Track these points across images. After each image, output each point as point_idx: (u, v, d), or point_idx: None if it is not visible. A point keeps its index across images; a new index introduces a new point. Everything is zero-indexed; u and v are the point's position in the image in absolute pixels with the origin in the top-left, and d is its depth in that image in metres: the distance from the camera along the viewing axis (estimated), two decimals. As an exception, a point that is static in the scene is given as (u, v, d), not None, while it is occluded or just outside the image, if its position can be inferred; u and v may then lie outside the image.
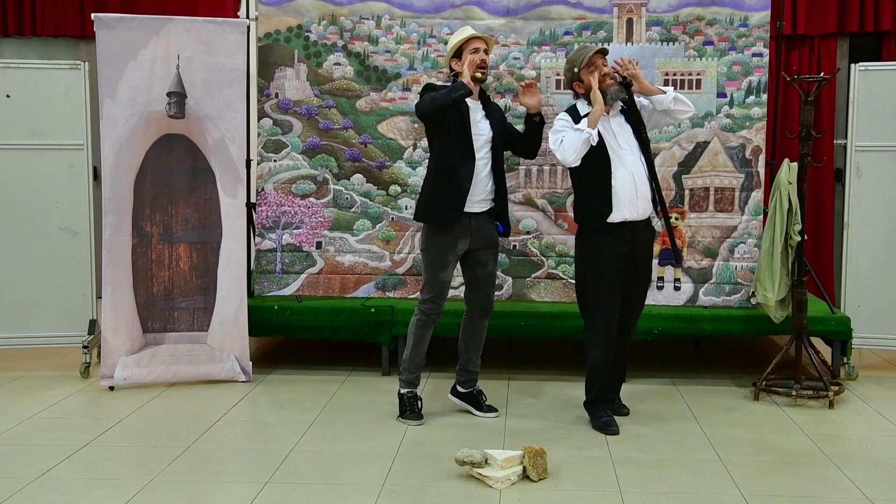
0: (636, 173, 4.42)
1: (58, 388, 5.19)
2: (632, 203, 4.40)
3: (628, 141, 4.47)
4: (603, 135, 4.42)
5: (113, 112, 5.21)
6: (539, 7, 5.67)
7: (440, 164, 4.55)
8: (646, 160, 4.48)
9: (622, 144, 4.45)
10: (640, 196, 4.42)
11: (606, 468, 3.93)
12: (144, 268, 5.32)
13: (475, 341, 4.74)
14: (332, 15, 5.75)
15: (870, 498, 3.62)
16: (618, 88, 4.45)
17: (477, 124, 4.54)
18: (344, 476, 3.83)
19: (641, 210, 4.44)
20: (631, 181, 4.40)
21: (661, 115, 4.60)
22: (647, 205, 4.46)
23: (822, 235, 7.22)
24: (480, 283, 4.69)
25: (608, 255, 4.43)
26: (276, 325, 5.58)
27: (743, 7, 5.57)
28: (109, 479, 3.77)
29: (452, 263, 4.60)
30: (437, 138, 4.57)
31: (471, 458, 3.74)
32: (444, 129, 4.50)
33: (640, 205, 4.42)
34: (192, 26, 5.32)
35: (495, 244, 4.69)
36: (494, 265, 4.73)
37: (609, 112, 4.48)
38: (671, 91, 4.55)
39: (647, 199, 4.45)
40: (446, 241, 4.54)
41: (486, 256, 4.65)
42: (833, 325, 5.39)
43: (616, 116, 4.52)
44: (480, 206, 4.56)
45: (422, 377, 4.80)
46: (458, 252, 4.58)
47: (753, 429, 4.52)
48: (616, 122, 4.50)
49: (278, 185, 5.76)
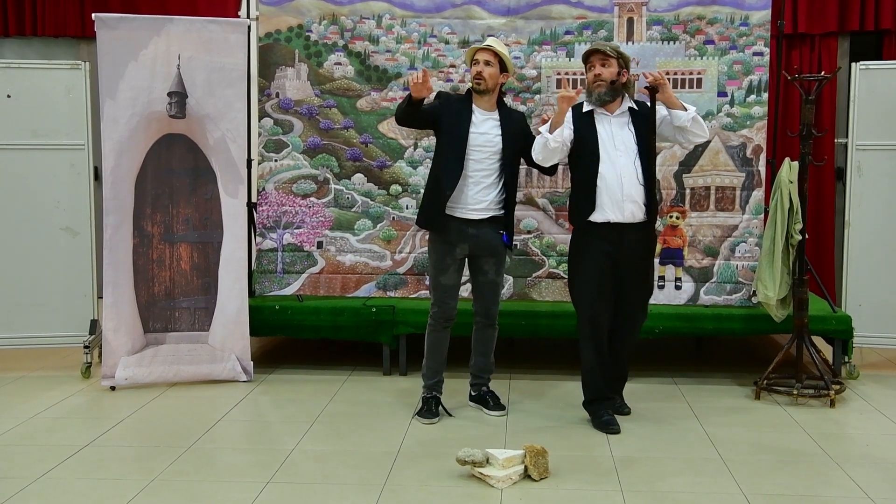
0: (625, 175, 4.37)
1: (59, 388, 5.19)
2: (616, 205, 4.37)
3: (626, 143, 4.42)
4: (599, 134, 4.42)
5: (114, 112, 5.21)
6: (540, 6, 5.66)
7: (432, 169, 4.71)
8: (642, 165, 4.41)
9: (617, 145, 4.41)
10: (627, 199, 4.36)
11: (608, 467, 3.93)
12: (145, 268, 5.32)
13: (480, 347, 4.79)
14: (333, 14, 5.75)
15: (871, 497, 3.62)
16: (605, 91, 4.42)
17: (480, 134, 4.54)
18: (345, 476, 3.83)
19: (628, 213, 4.37)
20: (618, 183, 4.36)
21: (675, 131, 4.52)
22: (635, 208, 4.38)
23: (823, 234, 7.21)
24: (481, 291, 4.70)
25: (591, 254, 4.43)
26: (278, 324, 5.59)
27: (743, 6, 5.56)
28: (111, 479, 3.78)
29: (453, 268, 4.61)
30: (437, 143, 4.69)
31: (472, 458, 3.74)
32: (441, 135, 4.63)
33: (625, 207, 4.36)
34: (192, 26, 5.32)
35: (497, 253, 4.65)
36: (496, 274, 4.69)
37: (613, 111, 4.46)
38: (693, 110, 4.45)
39: (635, 202, 4.37)
40: (443, 245, 4.60)
41: (486, 265, 4.65)
42: (834, 324, 5.39)
43: (620, 116, 4.48)
44: (479, 213, 4.56)
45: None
46: (458, 256, 4.60)
47: (754, 428, 4.52)
48: (617, 123, 4.47)
49: (279, 184, 5.76)
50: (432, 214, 4.60)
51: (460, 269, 4.67)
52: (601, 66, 4.45)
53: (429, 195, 4.67)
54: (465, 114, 4.56)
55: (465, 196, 4.54)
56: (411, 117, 4.60)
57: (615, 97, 4.46)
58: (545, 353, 6.28)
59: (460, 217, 4.56)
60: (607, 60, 4.44)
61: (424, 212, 4.70)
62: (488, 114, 4.59)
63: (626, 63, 4.51)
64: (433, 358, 4.70)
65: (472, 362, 4.83)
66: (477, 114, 4.58)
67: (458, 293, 4.69)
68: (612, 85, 4.43)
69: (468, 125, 4.54)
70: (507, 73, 4.65)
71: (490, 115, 4.59)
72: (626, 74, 4.50)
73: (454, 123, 4.55)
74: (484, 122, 4.57)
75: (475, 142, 4.54)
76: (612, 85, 4.43)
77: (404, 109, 4.55)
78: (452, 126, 4.56)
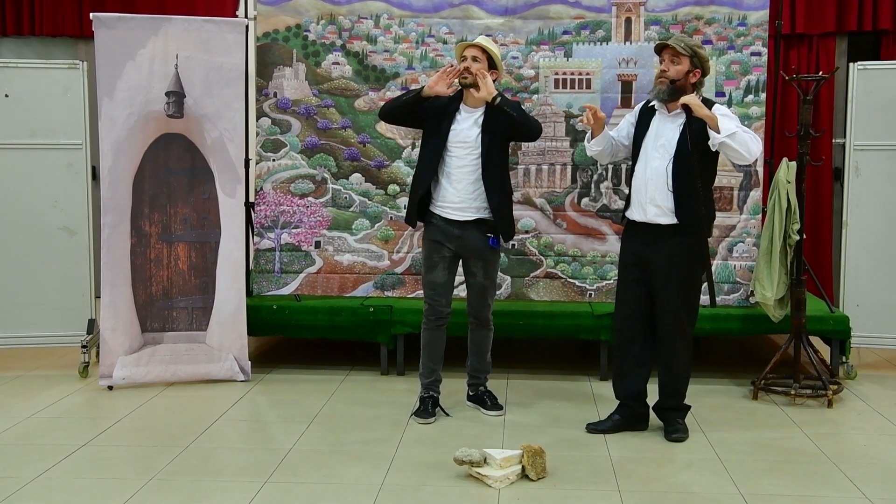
0: (652, 178, 4.26)
1: (56, 387, 5.19)
2: (639, 205, 4.33)
3: (666, 145, 4.26)
4: (648, 132, 4.34)
5: (111, 111, 5.20)
6: (537, 6, 5.67)
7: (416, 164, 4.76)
8: (674, 169, 4.22)
9: (657, 146, 4.29)
10: (649, 201, 4.27)
11: (605, 467, 3.93)
12: (143, 267, 5.32)
13: (475, 347, 4.79)
14: (331, 14, 5.75)
15: (868, 497, 3.63)
16: (664, 88, 4.23)
17: (461, 132, 4.52)
18: (342, 475, 3.83)
19: (651, 215, 4.28)
20: (644, 184, 4.29)
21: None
22: (658, 212, 4.25)
23: (821, 234, 7.22)
24: (470, 293, 4.70)
25: (623, 249, 4.47)
26: (275, 324, 5.58)
27: (741, 6, 5.57)
28: (108, 479, 3.77)
29: (441, 265, 4.60)
30: (422, 141, 4.72)
31: (469, 458, 3.74)
32: (425, 133, 4.66)
33: (648, 210, 4.28)
34: (190, 26, 5.31)
35: (483, 256, 4.60)
36: (485, 277, 4.65)
37: (672, 111, 4.28)
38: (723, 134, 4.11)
39: (658, 206, 4.25)
40: (430, 243, 4.61)
41: (474, 267, 4.63)
42: (832, 324, 5.39)
43: (676, 117, 4.28)
44: (463, 214, 4.53)
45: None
46: (446, 255, 4.59)
47: (752, 428, 4.53)
48: (671, 123, 4.30)
49: (277, 184, 5.76)
50: (410, 212, 4.69)
51: (451, 267, 4.64)
52: (670, 61, 4.26)
53: (411, 192, 4.76)
54: (449, 112, 4.55)
55: (447, 195, 4.53)
56: (405, 114, 4.61)
57: (676, 96, 4.24)
58: (543, 354, 6.28)
59: (445, 217, 4.55)
60: (678, 57, 4.24)
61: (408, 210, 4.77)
62: (473, 111, 4.55)
63: (701, 62, 4.27)
64: (428, 356, 4.69)
65: (468, 363, 4.83)
66: (462, 111, 4.55)
67: (449, 292, 4.65)
68: (673, 84, 4.24)
69: (450, 123, 4.52)
70: (497, 71, 4.59)
71: (474, 112, 4.55)
72: (696, 74, 4.27)
73: (437, 121, 4.55)
74: (466, 120, 4.53)
75: (454, 139, 4.51)
76: (674, 84, 4.24)
77: (404, 102, 4.54)
78: (435, 124, 4.56)
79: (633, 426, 4.44)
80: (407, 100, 4.56)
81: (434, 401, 4.66)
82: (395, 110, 4.63)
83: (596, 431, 4.39)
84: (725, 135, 4.11)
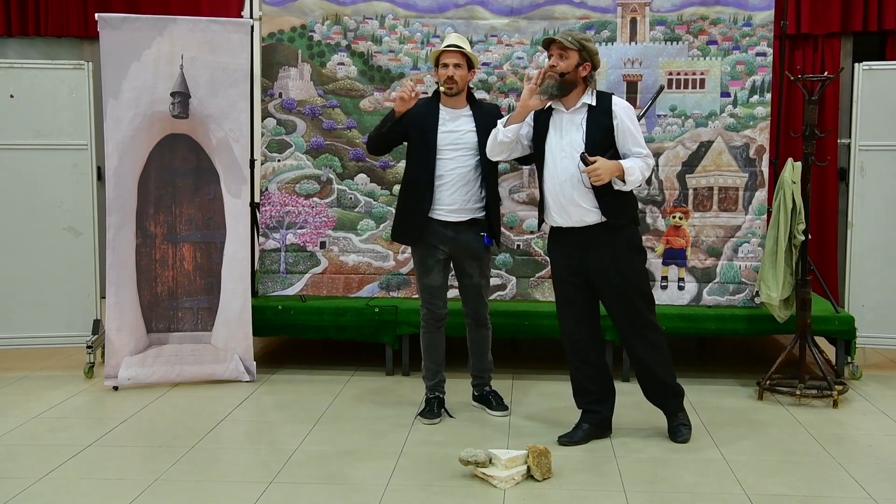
0: (567, 179, 4.07)
1: (62, 388, 5.20)
2: (560, 209, 4.13)
3: (572, 143, 4.09)
4: (548, 133, 4.17)
5: (117, 112, 5.21)
6: (543, 7, 5.66)
7: (403, 178, 4.71)
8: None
9: (563, 146, 4.12)
10: (570, 203, 4.08)
11: (610, 468, 3.93)
12: (148, 268, 5.32)
13: (475, 347, 4.78)
14: (336, 15, 5.75)
15: (874, 497, 3.62)
16: (553, 83, 4.08)
17: (450, 132, 4.49)
18: (348, 476, 3.83)
19: (575, 217, 4.09)
20: (559, 187, 4.10)
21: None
22: (582, 212, 4.08)
23: (826, 235, 7.21)
24: (467, 294, 4.69)
25: (555, 259, 4.31)
26: (280, 324, 5.59)
27: (747, 6, 5.56)
28: (113, 479, 3.78)
29: (437, 269, 4.59)
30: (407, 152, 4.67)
31: (475, 458, 3.74)
32: (410, 142, 4.61)
33: (571, 212, 4.10)
34: (195, 26, 5.32)
35: (478, 256, 4.59)
36: (480, 277, 4.64)
37: (569, 107, 4.14)
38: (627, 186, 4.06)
39: (580, 206, 4.07)
40: (424, 248, 4.57)
41: (469, 268, 4.62)
42: (837, 325, 5.39)
43: (574, 113, 4.14)
44: (457, 215, 4.51)
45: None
46: (440, 257, 4.57)
47: (757, 428, 4.52)
48: (570, 120, 4.14)
49: (282, 184, 5.76)
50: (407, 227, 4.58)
51: (445, 270, 4.64)
52: (559, 56, 4.09)
53: (401, 206, 4.65)
54: (432, 115, 4.51)
55: (441, 198, 4.49)
56: (392, 141, 4.62)
57: (566, 91, 4.11)
58: (548, 354, 6.27)
59: (438, 219, 4.52)
60: (566, 51, 4.08)
61: (397, 224, 4.65)
62: (458, 111, 4.53)
63: (590, 55, 4.11)
64: (430, 358, 4.69)
65: (470, 363, 4.82)
66: (445, 113, 4.52)
67: (445, 293, 4.67)
68: (562, 77, 4.08)
69: (436, 126, 4.49)
70: (474, 69, 4.59)
71: (460, 111, 4.53)
72: (587, 68, 4.11)
73: (422, 128, 4.50)
74: (454, 121, 4.51)
75: (445, 141, 4.48)
76: (563, 77, 4.08)
77: (387, 132, 4.52)
78: (420, 130, 4.51)
79: (604, 432, 4.33)
80: (387, 129, 4.52)
81: (440, 401, 4.66)
82: (381, 143, 4.64)
83: (570, 443, 4.20)
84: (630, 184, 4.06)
